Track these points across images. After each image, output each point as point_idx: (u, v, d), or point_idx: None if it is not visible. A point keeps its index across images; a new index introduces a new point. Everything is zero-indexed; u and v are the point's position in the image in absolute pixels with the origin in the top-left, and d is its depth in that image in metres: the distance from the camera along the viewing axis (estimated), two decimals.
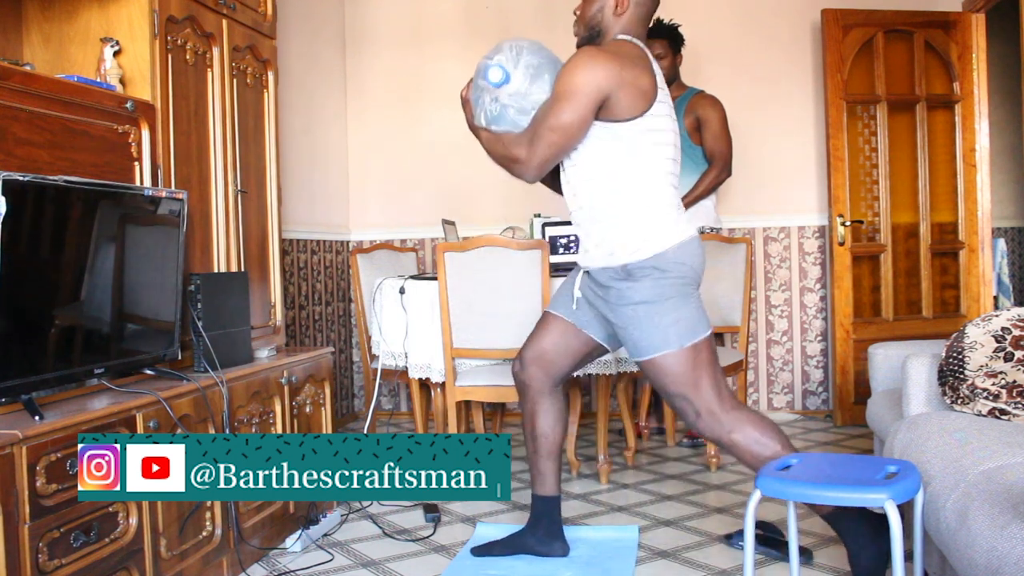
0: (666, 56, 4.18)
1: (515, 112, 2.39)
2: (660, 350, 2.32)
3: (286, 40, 4.19)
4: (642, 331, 2.34)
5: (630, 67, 2.29)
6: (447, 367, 3.30)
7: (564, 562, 2.63)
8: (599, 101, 2.27)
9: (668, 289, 2.32)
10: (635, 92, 2.29)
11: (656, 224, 2.35)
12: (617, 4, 2.40)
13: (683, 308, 2.34)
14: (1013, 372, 2.24)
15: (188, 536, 2.34)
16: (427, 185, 5.08)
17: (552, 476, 2.66)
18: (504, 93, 2.38)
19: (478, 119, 2.47)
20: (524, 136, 2.37)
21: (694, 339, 2.33)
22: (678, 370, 2.33)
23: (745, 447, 2.33)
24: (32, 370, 1.99)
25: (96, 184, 2.18)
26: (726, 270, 3.98)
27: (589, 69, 2.26)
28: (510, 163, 2.41)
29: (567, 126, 2.29)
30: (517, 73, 2.36)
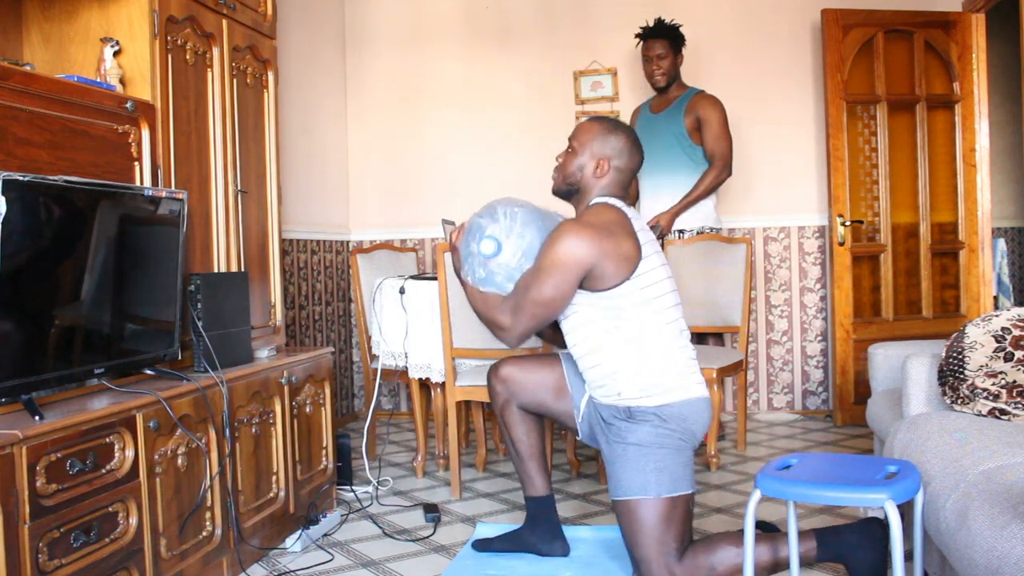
0: (667, 56, 4.19)
1: (502, 279, 2.41)
2: (636, 494, 2.28)
3: (286, 40, 4.19)
4: (626, 471, 2.31)
5: (609, 237, 2.28)
6: (447, 367, 3.30)
7: (564, 562, 2.63)
8: (581, 275, 2.28)
9: (664, 439, 2.30)
10: (618, 261, 2.28)
11: (664, 377, 2.33)
12: (597, 167, 2.42)
13: (672, 460, 2.30)
14: (1013, 372, 2.24)
15: (188, 536, 2.34)
16: (427, 185, 5.09)
17: (539, 476, 2.66)
18: (494, 262, 2.40)
19: (465, 276, 2.48)
20: (508, 304, 2.39)
21: (673, 493, 2.28)
22: (650, 518, 2.27)
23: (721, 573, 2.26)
24: (32, 370, 1.99)
25: (96, 184, 2.18)
26: (726, 270, 3.99)
27: (570, 244, 2.26)
28: (493, 327, 2.44)
29: (549, 300, 2.31)
30: (509, 244, 2.38)
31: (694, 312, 4.08)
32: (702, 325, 4.09)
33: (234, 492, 2.54)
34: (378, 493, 3.45)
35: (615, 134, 2.44)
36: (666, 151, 4.19)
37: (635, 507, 2.28)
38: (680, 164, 4.17)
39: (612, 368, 2.35)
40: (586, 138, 2.45)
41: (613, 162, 2.42)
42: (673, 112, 4.20)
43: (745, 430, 4.11)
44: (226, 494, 2.50)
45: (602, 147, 2.43)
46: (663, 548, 2.26)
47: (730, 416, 4.70)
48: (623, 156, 2.44)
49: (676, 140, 4.17)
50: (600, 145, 2.43)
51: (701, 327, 4.10)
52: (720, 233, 4.23)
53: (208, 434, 2.43)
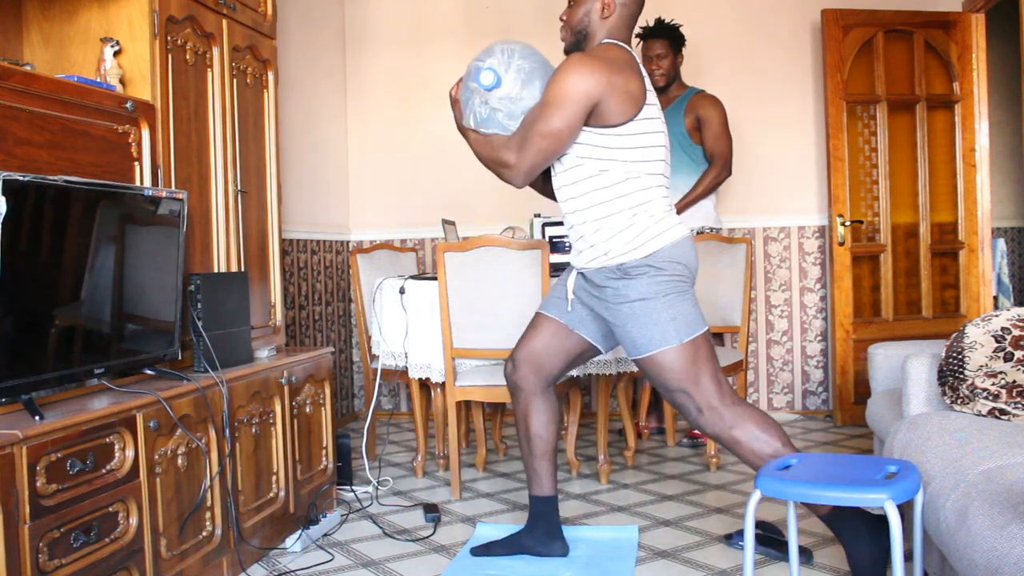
0: (667, 56, 4.18)
1: (504, 116, 2.40)
2: (659, 346, 2.32)
3: (286, 40, 4.19)
4: (640, 328, 2.34)
5: (619, 72, 2.30)
6: (447, 367, 3.30)
7: (564, 562, 2.63)
8: (589, 107, 2.28)
9: (664, 286, 2.33)
10: (624, 97, 2.30)
11: (650, 224, 2.36)
12: (604, 7, 2.41)
13: (680, 304, 2.34)
14: (1013, 372, 2.24)
15: (188, 536, 2.34)
16: (427, 185, 5.09)
17: (548, 476, 2.66)
18: (494, 97, 2.38)
19: (467, 120, 2.47)
20: (513, 140, 2.38)
21: (692, 334, 2.33)
22: (678, 366, 2.33)
23: (747, 444, 2.33)
24: (32, 370, 1.99)
25: (96, 184, 2.18)
26: (726, 270, 3.98)
27: (579, 76, 2.27)
28: (499, 167, 2.42)
29: (557, 132, 2.30)
30: (508, 77, 2.37)
31: None
32: None
33: (234, 492, 2.54)
34: (378, 493, 3.45)
35: None
36: None
37: (661, 359, 2.33)
38: (680, 164, 4.17)
39: (595, 215, 2.37)
40: None
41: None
42: (673, 112, 4.20)
43: None
44: (226, 494, 2.50)
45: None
46: (700, 388, 2.32)
47: None
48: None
49: (676, 140, 4.17)
50: None
51: None
52: (720, 233, 4.22)
53: (208, 434, 2.43)
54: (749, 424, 2.33)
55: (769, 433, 2.32)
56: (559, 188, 2.47)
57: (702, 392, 2.34)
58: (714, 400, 2.34)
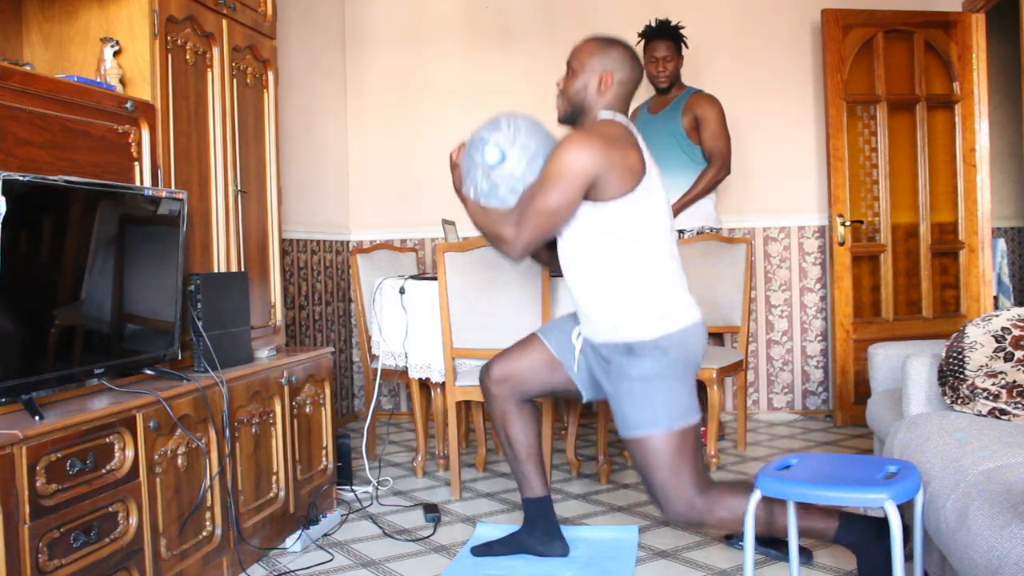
0: (672, 59, 4.18)
1: (506, 191, 2.39)
2: (648, 429, 2.30)
3: (286, 40, 4.19)
4: (634, 407, 2.32)
5: (617, 149, 2.29)
6: (447, 367, 3.30)
7: (564, 562, 2.63)
8: (587, 184, 2.27)
9: (667, 369, 2.31)
10: (623, 172, 2.28)
11: (661, 304, 2.33)
12: (600, 83, 2.41)
13: (678, 391, 2.32)
14: (1013, 372, 2.24)
15: (188, 536, 2.34)
16: (427, 185, 5.08)
17: (536, 477, 2.66)
18: (497, 172, 2.37)
19: (467, 191, 2.46)
20: (512, 216, 2.36)
21: (683, 423, 2.30)
22: (663, 452, 2.29)
23: (733, 518, 2.30)
24: (32, 370, 1.99)
25: (96, 184, 2.18)
26: (726, 270, 3.98)
27: (577, 153, 2.25)
28: (497, 241, 2.41)
29: (555, 210, 2.29)
30: (512, 154, 2.36)
31: None
32: None
33: (234, 492, 2.54)
34: (378, 493, 3.45)
35: (613, 47, 2.44)
36: (665, 151, 4.18)
37: (647, 442, 2.30)
38: (679, 164, 4.17)
39: (605, 292, 2.35)
40: (585, 56, 2.44)
41: (615, 75, 2.41)
42: (671, 112, 4.20)
43: (745, 430, 4.11)
44: (226, 494, 2.50)
45: (602, 62, 2.42)
46: (680, 480, 2.28)
47: (730, 416, 4.70)
48: (624, 67, 2.43)
49: (675, 140, 4.17)
50: (600, 60, 2.42)
51: None
52: (720, 233, 4.23)
53: (208, 434, 2.43)
54: (725, 499, 2.30)
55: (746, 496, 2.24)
56: (565, 263, 2.44)
57: (681, 483, 2.30)
58: (690, 492, 2.30)
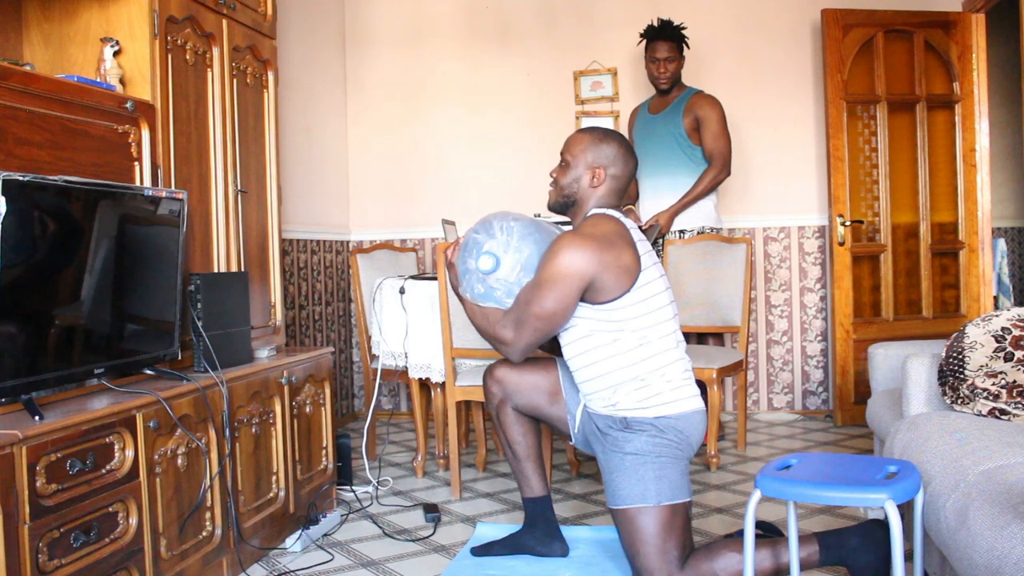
0: (674, 60, 4.18)
1: (502, 294, 2.40)
2: (636, 503, 2.28)
3: (286, 40, 4.19)
4: (624, 480, 2.30)
5: (610, 249, 2.27)
6: (447, 367, 3.30)
7: (564, 562, 2.63)
8: (582, 287, 2.26)
9: (661, 448, 2.30)
10: (618, 272, 2.27)
11: (664, 390, 2.33)
12: (594, 176, 2.41)
13: (670, 469, 2.30)
14: (1013, 372, 2.24)
15: (188, 536, 2.34)
16: (427, 185, 5.09)
17: (536, 477, 2.66)
18: (492, 278, 2.39)
19: (463, 292, 2.47)
20: (509, 318, 2.38)
21: (673, 500, 2.28)
22: (649, 528, 2.27)
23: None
24: (32, 370, 1.99)
25: (96, 184, 2.18)
26: (726, 270, 3.98)
27: (570, 256, 2.25)
28: (495, 342, 2.44)
29: (551, 314, 2.29)
30: (507, 260, 2.37)
31: (694, 312, 4.08)
32: (702, 325, 4.09)
33: (234, 492, 2.54)
34: (378, 493, 3.45)
35: (607, 142, 2.43)
36: (665, 151, 4.19)
37: (634, 516, 2.28)
38: (679, 164, 4.17)
39: (609, 381, 2.35)
40: (578, 150, 2.44)
41: (609, 170, 2.42)
42: (672, 112, 4.20)
43: (745, 430, 4.11)
44: (226, 494, 2.50)
45: (596, 156, 2.42)
46: (665, 556, 2.25)
47: (730, 416, 4.70)
48: (618, 163, 2.43)
49: (675, 140, 4.17)
50: (594, 155, 2.42)
51: (701, 327, 4.10)
52: (720, 233, 4.23)
53: (208, 434, 2.43)
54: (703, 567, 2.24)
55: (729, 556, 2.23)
56: (569, 356, 2.43)
57: (665, 562, 2.26)
58: (674, 570, 2.26)
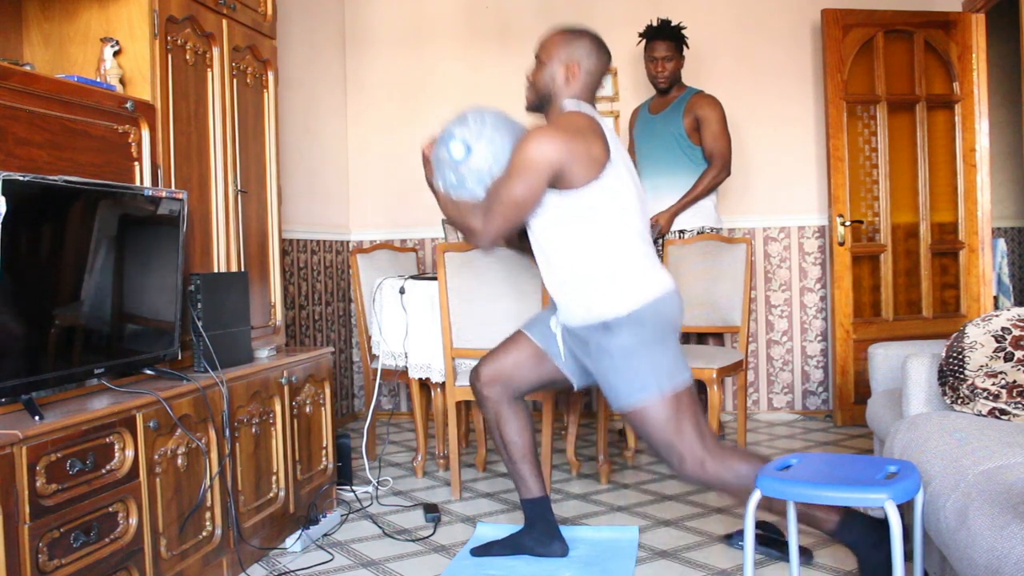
0: (672, 59, 4.18)
1: (474, 184, 2.43)
2: (639, 396, 2.32)
3: (286, 40, 4.19)
4: (621, 378, 2.35)
5: (580, 139, 2.33)
6: (447, 367, 3.30)
7: (564, 562, 2.63)
8: (551, 176, 2.32)
9: (646, 337, 2.34)
10: (587, 162, 2.33)
11: (630, 281, 2.37)
12: (567, 73, 2.47)
13: (661, 354, 2.34)
14: (1013, 372, 2.24)
15: (188, 536, 2.34)
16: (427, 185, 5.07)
17: (533, 478, 2.67)
18: (464, 167, 2.42)
19: (437, 184, 2.51)
20: (479, 208, 2.42)
21: (673, 383, 2.33)
22: (660, 417, 2.31)
23: (737, 485, 2.31)
24: (32, 370, 1.99)
25: (96, 184, 2.18)
26: (726, 270, 3.98)
27: (540, 146, 2.30)
28: (467, 232, 2.48)
29: (520, 201, 2.34)
30: (478, 148, 2.41)
31: (694, 312, 4.07)
32: (702, 325, 4.09)
33: (234, 492, 2.54)
34: (378, 493, 3.45)
35: (579, 38, 2.50)
36: (665, 151, 4.19)
37: (642, 413, 2.33)
38: (679, 164, 4.17)
39: (577, 279, 2.39)
40: (552, 48, 2.51)
41: (582, 65, 2.48)
42: (672, 112, 4.20)
43: (745, 430, 4.10)
44: (226, 494, 2.50)
45: (569, 52, 2.48)
46: (684, 438, 2.31)
47: (730, 416, 4.70)
48: (591, 57, 2.49)
49: (675, 140, 4.17)
50: (567, 51, 2.48)
51: (701, 327, 4.10)
52: (720, 233, 4.22)
53: (208, 434, 2.43)
54: (734, 464, 2.31)
55: (755, 465, 2.29)
56: (535, 245, 2.49)
57: (685, 442, 2.31)
58: (697, 450, 2.32)
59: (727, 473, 2.32)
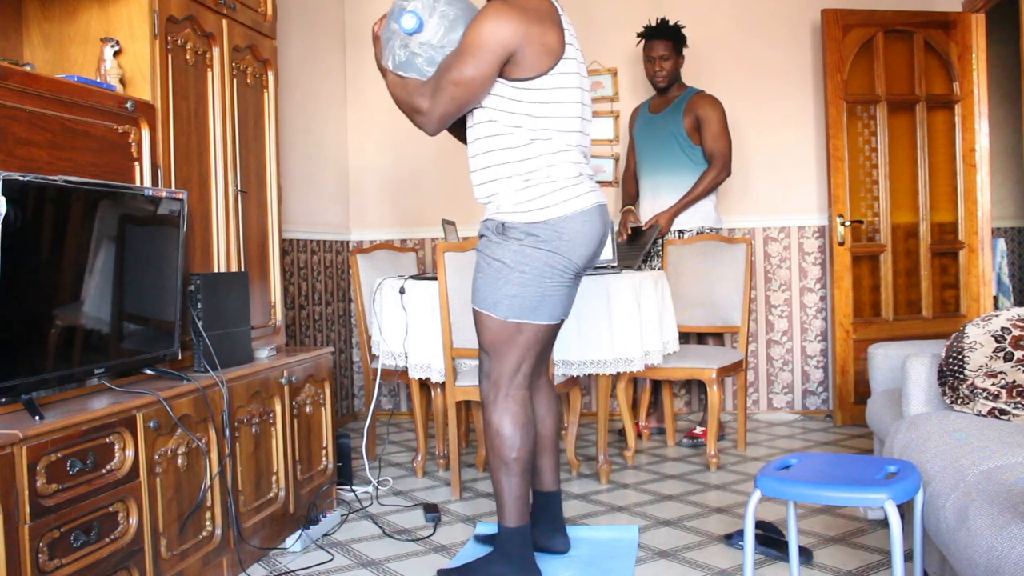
0: (670, 58, 4.18)
1: (423, 62, 2.34)
2: (485, 309, 2.36)
3: (286, 40, 4.19)
4: (484, 284, 2.36)
5: (537, 23, 2.25)
6: (447, 367, 3.30)
7: (564, 562, 2.63)
8: (504, 57, 2.24)
9: (528, 259, 2.29)
10: (540, 49, 2.25)
11: (544, 192, 2.30)
12: None
13: (531, 287, 2.31)
14: (1013, 372, 2.24)
15: (188, 536, 2.34)
16: (427, 185, 5.08)
17: (550, 473, 2.67)
18: (415, 41, 2.32)
19: (386, 61, 2.41)
20: (427, 87, 2.31)
21: (521, 319, 2.33)
22: (492, 332, 2.36)
23: (495, 438, 2.39)
24: (32, 370, 1.99)
25: (96, 184, 2.18)
26: (726, 270, 3.99)
27: (495, 24, 2.21)
28: (412, 112, 2.36)
29: (469, 81, 2.24)
30: (431, 22, 2.31)
31: (694, 312, 4.08)
32: (702, 325, 4.09)
33: (234, 492, 2.54)
34: (378, 493, 3.45)
35: None
36: (665, 151, 4.19)
37: (483, 320, 2.38)
38: (680, 164, 4.17)
39: (494, 174, 2.34)
40: None
41: None
42: (672, 112, 4.20)
43: (745, 430, 4.11)
44: (226, 494, 2.50)
45: None
46: (499, 364, 2.37)
47: (730, 416, 4.70)
48: None
49: (675, 140, 4.17)
50: None
51: (701, 327, 4.10)
52: (720, 233, 4.23)
53: (208, 434, 2.43)
54: (505, 418, 2.37)
55: (516, 438, 2.36)
56: (470, 140, 2.42)
57: (498, 366, 2.38)
58: (502, 380, 2.38)
59: (501, 420, 2.37)
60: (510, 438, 2.38)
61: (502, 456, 2.38)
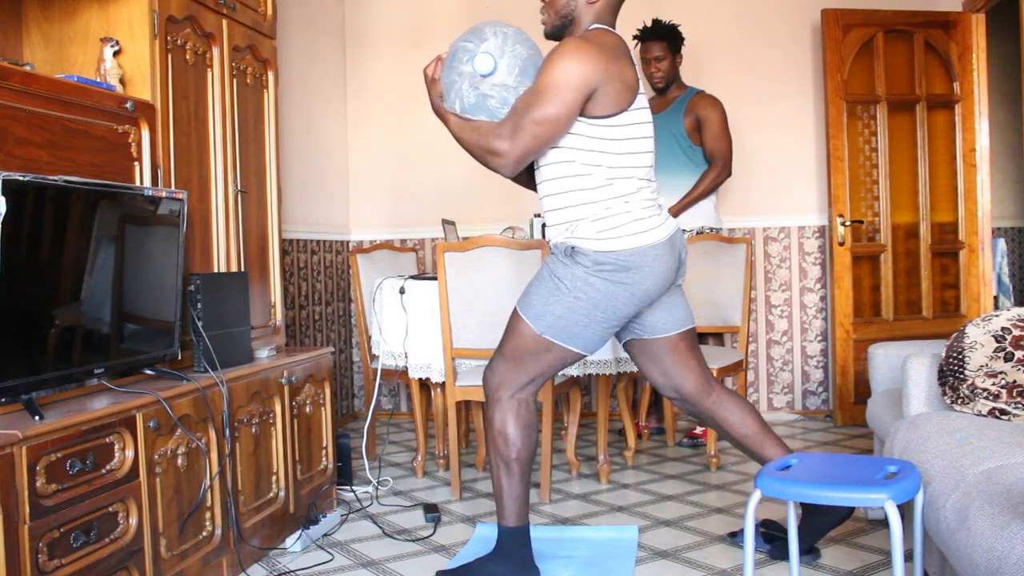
0: (666, 58, 4.18)
1: (496, 103, 2.31)
2: (527, 317, 2.35)
3: (286, 40, 4.19)
4: (536, 293, 2.35)
5: (615, 60, 2.24)
6: (447, 367, 3.30)
7: (564, 562, 2.62)
8: (586, 95, 2.21)
9: (589, 288, 2.28)
10: (620, 86, 2.24)
11: (621, 222, 2.29)
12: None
13: (578, 315, 2.30)
14: (1013, 372, 2.24)
15: (188, 536, 2.34)
16: (427, 185, 5.08)
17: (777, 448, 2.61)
18: (488, 83, 2.29)
19: (451, 104, 2.38)
20: (504, 128, 2.26)
21: (556, 339, 2.33)
22: (522, 339, 2.35)
23: (494, 431, 2.40)
24: (32, 370, 1.99)
25: (96, 184, 2.18)
26: (726, 270, 3.98)
27: (576, 61, 2.19)
28: (487, 154, 2.31)
29: (553, 119, 2.21)
30: (504, 63, 2.28)
31: (694, 312, 4.06)
32: (702, 325, 4.08)
33: (234, 492, 2.54)
34: (378, 493, 3.45)
35: None
36: (666, 152, 4.18)
37: (519, 326, 2.37)
38: (680, 165, 4.17)
39: (574, 218, 2.32)
40: None
41: None
42: (672, 113, 4.20)
43: None
44: (226, 494, 2.50)
45: None
46: (512, 368, 2.37)
47: None
48: None
49: (676, 141, 4.17)
50: None
51: (701, 327, 4.09)
52: (720, 233, 4.22)
53: (208, 434, 2.43)
54: (509, 418, 2.39)
55: (519, 438, 2.38)
56: (544, 179, 2.38)
57: (513, 371, 2.38)
58: (513, 384, 2.38)
59: (505, 419, 2.38)
60: (512, 438, 2.38)
61: (503, 456, 2.38)
